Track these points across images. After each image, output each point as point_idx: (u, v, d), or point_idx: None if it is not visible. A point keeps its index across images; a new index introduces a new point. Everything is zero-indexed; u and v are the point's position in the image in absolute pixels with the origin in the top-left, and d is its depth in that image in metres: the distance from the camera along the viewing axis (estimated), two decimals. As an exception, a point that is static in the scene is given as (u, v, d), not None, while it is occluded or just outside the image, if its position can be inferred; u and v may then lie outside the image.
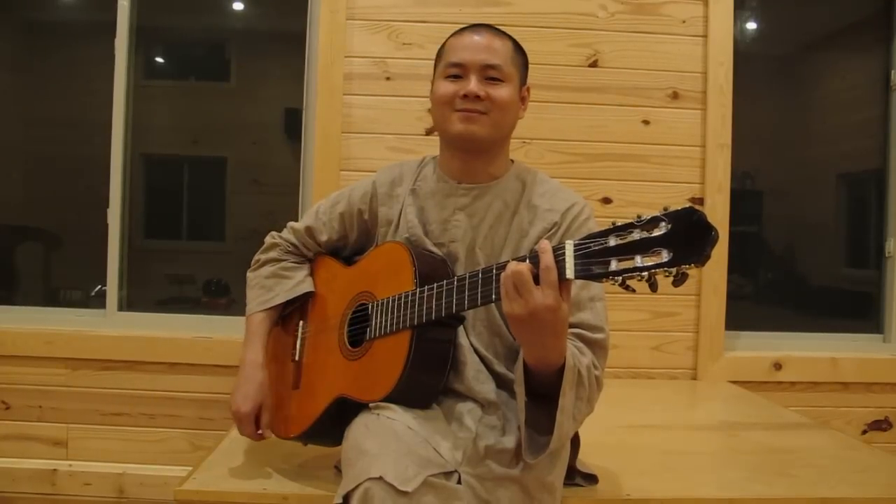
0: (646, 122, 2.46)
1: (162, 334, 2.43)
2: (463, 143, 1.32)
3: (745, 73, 2.51)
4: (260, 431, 1.39)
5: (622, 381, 2.41)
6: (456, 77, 1.29)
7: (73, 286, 2.72)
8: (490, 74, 1.28)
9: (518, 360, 1.10)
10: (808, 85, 2.84)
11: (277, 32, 2.77)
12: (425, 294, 1.19)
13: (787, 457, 1.65)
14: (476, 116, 1.27)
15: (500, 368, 1.28)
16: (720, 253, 2.42)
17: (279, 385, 1.45)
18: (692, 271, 0.86)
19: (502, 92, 1.28)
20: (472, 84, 1.27)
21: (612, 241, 0.90)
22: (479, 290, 1.09)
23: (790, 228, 2.84)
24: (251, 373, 1.40)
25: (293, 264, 1.49)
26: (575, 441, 1.32)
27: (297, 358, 1.45)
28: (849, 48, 2.78)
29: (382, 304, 1.27)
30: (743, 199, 2.59)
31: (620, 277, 0.89)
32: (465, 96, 1.27)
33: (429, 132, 2.42)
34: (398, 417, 1.18)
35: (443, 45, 1.36)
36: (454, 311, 1.14)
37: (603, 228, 0.93)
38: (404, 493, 1.03)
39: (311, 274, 1.49)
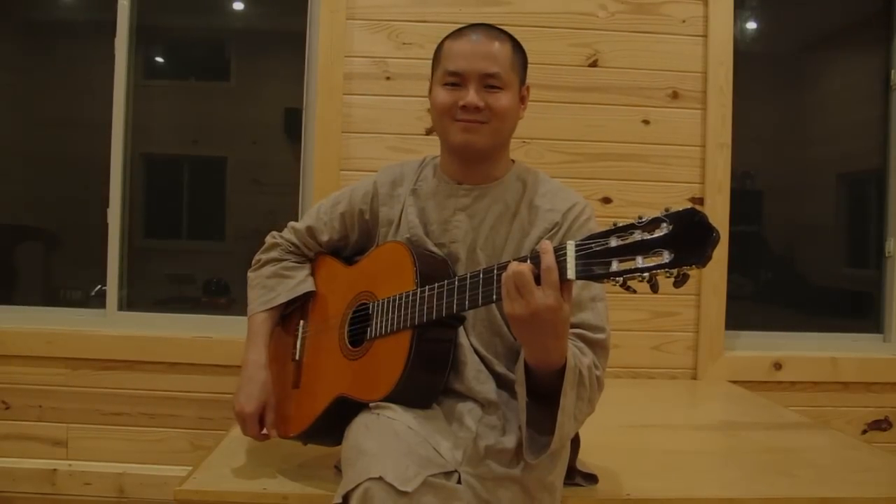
0: (646, 122, 2.46)
1: (162, 334, 2.43)
2: (464, 153, 1.32)
3: (745, 73, 2.50)
4: (264, 431, 1.39)
5: (622, 381, 2.41)
6: (454, 85, 1.28)
7: (72, 286, 2.71)
8: (489, 83, 1.27)
9: (519, 360, 1.10)
10: (808, 85, 2.84)
11: (277, 32, 2.77)
12: (426, 294, 1.19)
13: (787, 457, 1.65)
14: (476, 126, 1.27)
15: (500, 368, 1.28)
16: (720, 253, 2.42)
17: (279, 384, 1.45)
18: (693, 271, 0.86)
19: (502, 101, 1.28)
20: (471, 96, 1.26)
21: (614, 242, 0.90)
22: (480, 290, 1.09)
23: (790, 228, 2.84)
24: (254, 373, 1.40)
25: (294, 264, 1.49)
26: (575, 441, 1.32)
27: (297, 357, 1.45)
28: (849, 48, 2.78)
29: (383, 303, 1.27)
30: (743, 199, 2.59)
31: (621, 278, 0.89)
32: (465, 107, 1.26)
33: (429, 132, 2.42)
34: (398, 417, 1.18)
35: (440, 46, 1.34)
36: (455, 311, 1.14)
37: (604, 229, 0.93)
38: (404, 493, 1.03)
39: (312, 273, 1.49)
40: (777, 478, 1.49)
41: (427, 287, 1.19)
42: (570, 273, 0.95)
